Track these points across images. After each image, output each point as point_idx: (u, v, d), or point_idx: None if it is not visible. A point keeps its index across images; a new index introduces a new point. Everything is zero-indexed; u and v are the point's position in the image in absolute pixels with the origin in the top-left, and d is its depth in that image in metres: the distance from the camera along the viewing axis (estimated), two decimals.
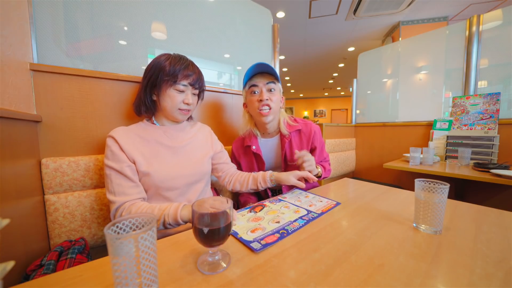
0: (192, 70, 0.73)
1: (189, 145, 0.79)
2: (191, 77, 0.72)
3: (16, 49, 0.67)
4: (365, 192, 0.82)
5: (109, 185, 0.65)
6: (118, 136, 0.68)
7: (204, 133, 0.87)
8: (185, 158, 0.77)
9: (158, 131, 0.76)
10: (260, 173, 0.85)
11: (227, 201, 0.40)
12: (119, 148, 0.67)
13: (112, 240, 0.27)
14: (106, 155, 0.67)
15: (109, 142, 0.68)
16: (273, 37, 1.57)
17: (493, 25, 1.57)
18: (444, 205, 0.49)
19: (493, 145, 1.40)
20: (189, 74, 0.72)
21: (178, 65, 0.70)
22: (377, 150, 2.20)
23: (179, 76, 0.70)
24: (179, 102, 0.72)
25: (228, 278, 0.36)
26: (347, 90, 10.27)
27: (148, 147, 0.72)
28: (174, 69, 0.69)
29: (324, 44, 4.98)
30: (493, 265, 0.38)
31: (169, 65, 0.69)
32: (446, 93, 1.89)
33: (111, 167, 0.65)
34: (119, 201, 0.63)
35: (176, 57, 0.72)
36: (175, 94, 0.71)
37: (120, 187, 0.65)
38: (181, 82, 0.71)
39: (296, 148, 0.95)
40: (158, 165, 0.70)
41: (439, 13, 3.64)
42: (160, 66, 0.69)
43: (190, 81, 0.72)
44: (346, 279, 0.35)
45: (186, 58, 0.74)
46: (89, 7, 0.89)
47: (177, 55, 0.74)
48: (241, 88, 1.00)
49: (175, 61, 0.70)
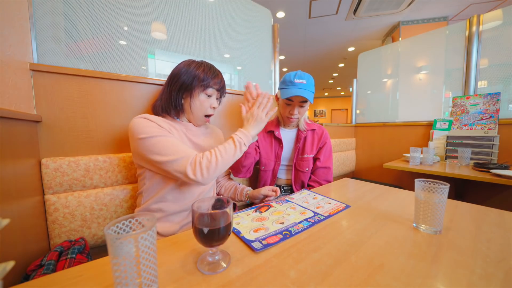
0: (220, 78, 0.78)
1: (207, 144, 0.82)
2: (219, 83, 0.77)
3: (16, 49, 0.67)
4: (365, 192, 0.82)
5: (165, 149, 0.62)
6: (150, 117, 0.67)
7: (217, 136, 0.91)
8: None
9: (182, 127, 0.77)
10: (240, 186, 0.93)
11: (227, 201, 0.40)
12: (156, 125, 0.66)
13: (112, 240, 0.27)
14: (144, 130, 0.63)
15: (143, 121, 0.65)
16: (273, 37, 1.57)
17: (493, 25, 1.57)
18: (444, 205, 0.49)
19: (493, 145, 1.40)
20: (219, 81, 0.77)
21: (210, 73, 0.75)
22: (377, 150, 2.20)
23: (211, 82, 0.74)
24: (207, 108, 0.77)
25: (228, 278, 0.36)
26: (347, 90, 10.27)
27: (178, 135, 0.73)
28: (207, 76, 0.74)
29: (324, 44, 4.98)
30: (493, 265, 0.38)
31: (202, 73, 0.73)
32: (446, 93, 1.88)
33: (158, 135, 0.63)
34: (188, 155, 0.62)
35: (207, 66, 0.76)
36: (204, 99, 0.76)
37: (179, 146, 0.64)
38: (212, 87, 0.75)
39: (308, 145, 1.06)
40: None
41: (439, 13, 3.65)
42: (194, 73, 0.73)
43: (218, 87, 0.77)
44: (346, 279, 0.35)
45: (215, 67, 0.79)
46: (89, 7, 0.89)
47: (206, 63, 0.77)
48: (241, 88, 1.03)
49: (207, 69, 0.75)
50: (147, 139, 0.62)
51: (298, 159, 1.05)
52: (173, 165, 0.62)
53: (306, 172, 1.02)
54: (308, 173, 1.04)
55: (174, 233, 0.70)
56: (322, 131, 1.10)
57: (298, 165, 1.04)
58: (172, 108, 0.75)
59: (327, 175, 1.05)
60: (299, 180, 1.03)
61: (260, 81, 1.52)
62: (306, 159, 1.04)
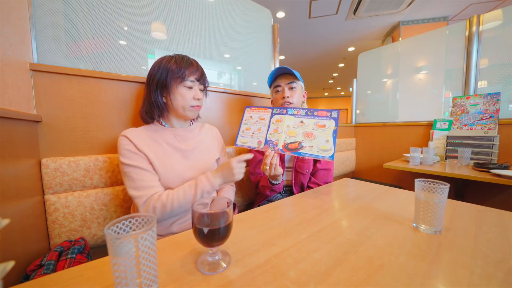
0: (196, 66, 0.75)
1: (198, 148, 0.80)
2: (196, 72, 0.74)
3: (16, 49, 0.67)
4: (365, 192, 0.82)
5: (130, 182, 0.65)
6: (131, 136, 0.68)
7: (212, 135, 0.89)
8: (195, 161, 0.77)
9: (168, 133, 0.76)
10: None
11: (227, 201, 0.40)
12: (134, 147, 0.67)
13: (112, 240, 0.27)
14: (122, 154, 0.67)
15: (123, 141, 0.67)
16: (273, 37, 1.57)
17: (493, 25, 1.57)
18: (444, 205, 0.49)
19: (493, 145, 1.40)
20: (194, 70, 0.74)
21: (183, 63, 0.72)
22: (377, 150, 2.20)
23: (186, 73, 0.71)
24: (191, 99, 0.74)
25: (228, 278, 0.36)
26: (347, 90, 10.27)
27: (160, 148, 0.72)
28: (180, 67, 0.71)
29: (324, 44, 4.98)
30: (493, 265, 0.38)
31: (175, 65, 0.71)
32: (446, 93, 1.88)
33: (129, 164, 0.65)
34: (146, 194, 0.64)
35: (179, 57, 0.74)
36: (185, 92, 0.73)
37: (143, 181, 0.65)
38: (189, 78, 0.72)
39: None
40: (169, 167, 0.70)
41: (439, 13, 3.65)
42: (166, 67, 0.71)
43: (196, 77, 0.74)
44: (346, 279, 0.35)
45: (188, 56, 0.76)
46: (89, 7, 0.89)
47: (178, 54, 0.75)
48: (241, 88, 1.05)
49: (179, 60, 0.72)
50: (122, 165, 0.67)
51: (299, 160, 1.04)
52: (133, 199, 0.66)
53: (306, 174, 1.02)
54: (308, 175, 1.03)
55: (169, 232, 0.71)
56: None
57: (298, 166, 1.03)
58: (155, 110, 0.74)
59: (327, 177, 1.04)
60: (299, 182, 1.03)
61: (260, 81, 1.52)
62: (307, 161, 1.03)
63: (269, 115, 0.85)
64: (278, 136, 0.79)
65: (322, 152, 0.73)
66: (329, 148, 0.73)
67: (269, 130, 0.82)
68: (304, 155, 0.73)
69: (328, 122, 0.76)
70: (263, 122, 0.85)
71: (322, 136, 0.75)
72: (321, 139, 0.75)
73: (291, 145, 0.76)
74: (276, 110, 0.85)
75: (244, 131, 0.87)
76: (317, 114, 0.79)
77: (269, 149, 0.79)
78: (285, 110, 0.84)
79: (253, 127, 0.86)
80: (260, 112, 0.88)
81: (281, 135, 0.79)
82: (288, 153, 0.75)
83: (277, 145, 0.78)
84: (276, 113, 0.85)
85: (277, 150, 0.77)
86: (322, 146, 0.74)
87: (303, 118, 0.80)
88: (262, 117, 0.86)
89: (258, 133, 0.84)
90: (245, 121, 0.89)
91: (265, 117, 0.86)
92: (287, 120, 0.81)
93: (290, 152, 0.75)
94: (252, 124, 0.87)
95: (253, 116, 0.89)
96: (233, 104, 1.26)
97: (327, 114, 0.78)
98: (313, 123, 0.78)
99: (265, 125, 0.84)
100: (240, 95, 1.29)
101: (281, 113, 0.84)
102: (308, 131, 0.77)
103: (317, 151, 0.73)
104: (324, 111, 0.79)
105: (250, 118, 0.89)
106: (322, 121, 0.77)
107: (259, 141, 0.82)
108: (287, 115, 0.83)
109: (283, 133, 0.79)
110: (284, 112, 0.83)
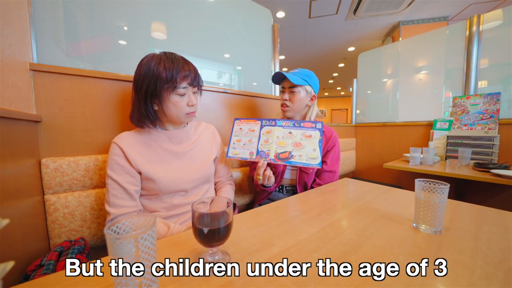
0: (188, 69, 0.68)
1: (194, 149, 0.79)
2: (189, 77, 0.68)
3: (16, 49, 0.67)
4: (365, 192, 0.82)
5: (107, 194, 0.66)
6: (122, 143, 0.67)
7: (208, 134, 0.87)
8: (190, 162, 0.76)
9: (163, 136, 0.74)
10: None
11: (227, 201, 0.40)
12: (123, 157, 0.66)
13: (112, 240, 0.27)
14: (109, 164, 0.66)
15: (114, 150, 0.67)
16: (273, 37, 1.57)
17: (493, 25, 1.57)
18: (444, 205, 0.49)
19: (493, 145, 1.40)
20: (187, 74, 0.67)
21: (174, 68, 0.65)
22: (377, 150, 2.20)
23: (178, 80, 0.65)
24: (184, 107, 0.69)
25: (228, 278, 0.36)
26: (347, 90, 10.27)
27: (154, 153, 0.71)
28: (171, 73, 0.64)
29: (324, 44, 4.98)
30: (493, 265, 0.38)
31: (164, 72, 0.64)
32: (446, 93, 1.89)
33: (112, 178, 0.65)
34: (114, 213, 0.64)
35: (168, 59, 0.66)
36: (178, 100, 0.68)
37: (116, 198, 0.65)
38: (181, 85, 0.67)
39: None
40: (163, 171, 0.70)
41: (439, 13, 3.65)
42: (155, 74, 0.64)
43: (189, 81, 0.68)
44: (346, 279, 0.35)
45: (178, 56, 0.69)
46: (89, 7, 0.89)
47: (167, 55, 0.67)
48: (241, 88, 1.06)
49: (169, 64, 0.65)
50: (107, 175, 0.67)
51: None
52: (106, 212, 0.66)
53: (310, 174, 1.01)
54: (313, 175, 1.02)
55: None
56: (331, 134, 1.06)
57: None
58: (145, 119, 0.69)
59: (332, 179, 1.03)
60: (303, 181, 1.02)
61: (260, 81, 1.52)
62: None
63: (259, 127, 0.89)
64: (269, 147, 0.83)
65: (310, 160, 0.78)
66: (316, 156, 0.79)
67: (260, 141, 0.86)
68: (295, 163, 0.79)
69: (314, 132, 0.83)
70: (253, 133, 0.88)
71: (309, 145, 0.81)
72: (309, 148, 0.80)
73: (282, 155, 0.81)
74: (265, 122, 0.89)
75: (235, 143, 0.89)
76: (304, 125, 0.86)
77: (262, 160, 0.82)
78: (273, 122, 0.88)
79: (243, 139, 0.89)
80: (250, 124, 0.91)
81: (272, 146, 0.83)
82: (280, 162, 0.80)
83: (268, 155, 0.82)
84: (265, 125, 0.89)
85: (270, 160, 0.81)
86: (311, 155, 0.79)
87: (291, 129, 0.85)
88: (252, 129, 0.89)
89: (249, 144, 0.87)
90: (235, 133, 0.91)
91: (255, 129, 0.89)
92: (276, 131, 0.86)
93: (282, 161, 0.80)
94: (242, 135, 0.90)
95: (243, 128, 0.91)
96: (233, 104, 1.26)
97: (313, 125, 0.85)
98: (301, 133, 0.84)
99: (256, 136, 0.87)
100: (240, 95, 1.29)
101: (270, 125, 0.88)
102: (296, 141, 0.83)
103: (306, 159, 0.78)
104: (310, 123, 0.86)
105: (240, 130, 0.91)
106: (309, 132, 0.84)
107: (251, 152, 0.85)
108: (276, 126, 0.87)
109: (273, 144, 0.83)
110: (273, 123, 0.88)
